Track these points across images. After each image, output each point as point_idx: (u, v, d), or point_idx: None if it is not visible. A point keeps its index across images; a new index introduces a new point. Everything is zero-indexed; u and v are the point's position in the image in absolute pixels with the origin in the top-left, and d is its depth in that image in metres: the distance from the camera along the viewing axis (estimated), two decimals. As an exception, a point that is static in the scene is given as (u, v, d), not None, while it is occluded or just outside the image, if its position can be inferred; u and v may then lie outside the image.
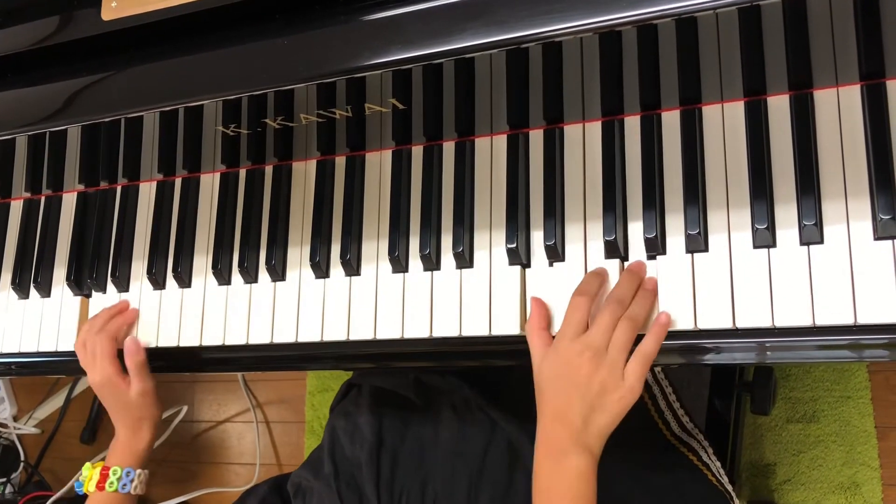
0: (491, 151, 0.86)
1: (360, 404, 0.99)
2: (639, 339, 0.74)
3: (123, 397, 0.98)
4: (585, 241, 0.81)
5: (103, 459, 1.01)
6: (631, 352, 0.74)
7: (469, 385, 0.96)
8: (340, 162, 0.93)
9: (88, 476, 0.98)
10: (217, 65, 0.70)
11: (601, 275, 0.78)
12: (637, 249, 0.78)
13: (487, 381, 0.97)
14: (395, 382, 1.00)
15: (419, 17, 0.62)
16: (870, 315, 0.69)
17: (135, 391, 0.97)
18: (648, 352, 0.73)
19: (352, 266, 0.89)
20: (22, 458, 2.02)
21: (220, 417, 1.91)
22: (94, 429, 1.96)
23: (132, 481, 0.98)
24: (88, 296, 1.05)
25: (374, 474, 0.92)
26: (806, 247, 0.72)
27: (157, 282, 1.00)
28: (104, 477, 0.97)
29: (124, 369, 0.98)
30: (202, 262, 0.98)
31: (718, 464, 0.97)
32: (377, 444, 0.94)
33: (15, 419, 2.08)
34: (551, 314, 0.79)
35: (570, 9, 0.55)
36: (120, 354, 0.98)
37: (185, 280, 0.98)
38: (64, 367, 1.07)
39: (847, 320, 0.70)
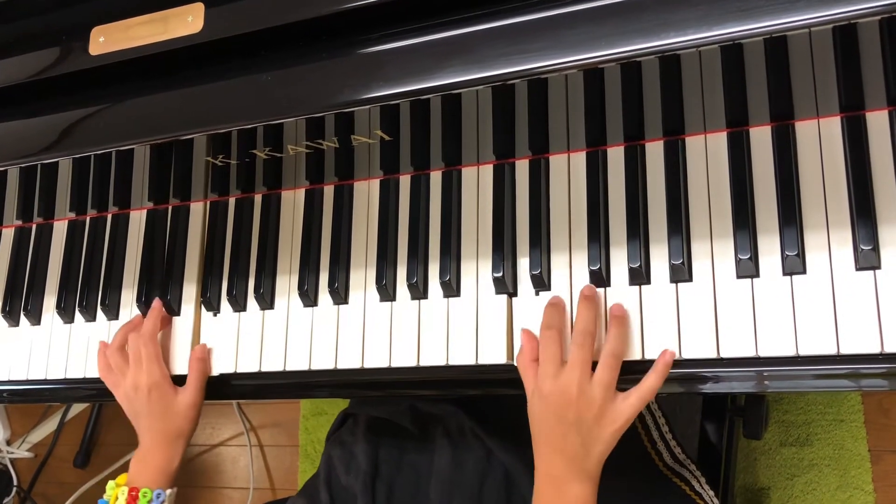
0: (478, 181, 0.87)
1: (355, 433, 0.99)
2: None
3: (170, 407, 0.91)
4: (571, 270, 0.81)
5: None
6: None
7: (464, 411, 0.96)
8: (329, 191, 0.94)
9: (113, 496, 0.91)
10: (202, 100, 0.70)
11: (558, 304, 0.79)
12: (621, 279, 0.78)
13: (481, 407, 0.97)
14: (390, 410, 0.99)
15: (401, 54, 0.62)
16: (852, 345, 0.69)
17: (187, 401, 0.91)
18: (650, 388, 0.73)
19: (340, 295, 0.89)
20: (15, 482, 2.01)
21: (214, 441, 1.90)
22: (88, 453, 1.95)
23: (163, 503, 0.91)
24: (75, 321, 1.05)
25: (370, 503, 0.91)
26: (789, 277, 0.73)
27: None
28: (133, 499, 0.90)
29: None
30: (191, 291, 0.98)
31: (712, 493, 0.96)
32: (373, 473, 0.94)
33: (8, 443, 2.07)
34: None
35: (547, 48, 0.56)
36: None
37: (174, 308, 0.98)
38: (55, 394, 1.06)
39: (830, 350, 0.70)
